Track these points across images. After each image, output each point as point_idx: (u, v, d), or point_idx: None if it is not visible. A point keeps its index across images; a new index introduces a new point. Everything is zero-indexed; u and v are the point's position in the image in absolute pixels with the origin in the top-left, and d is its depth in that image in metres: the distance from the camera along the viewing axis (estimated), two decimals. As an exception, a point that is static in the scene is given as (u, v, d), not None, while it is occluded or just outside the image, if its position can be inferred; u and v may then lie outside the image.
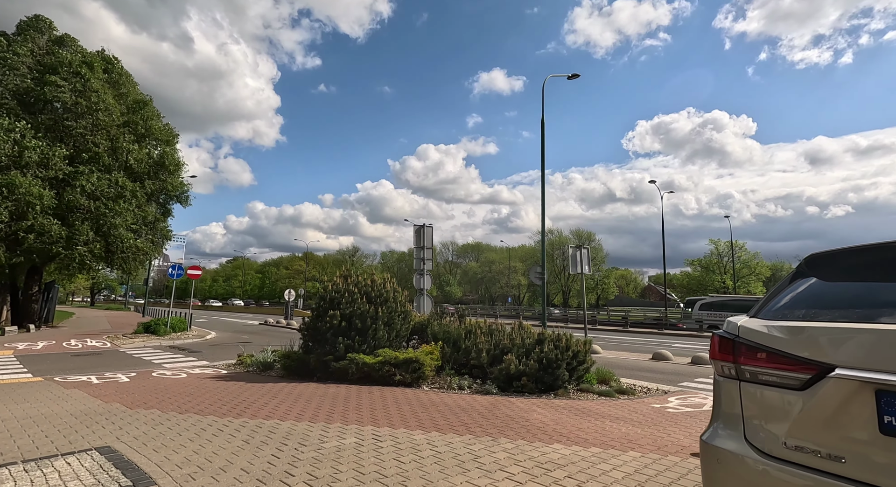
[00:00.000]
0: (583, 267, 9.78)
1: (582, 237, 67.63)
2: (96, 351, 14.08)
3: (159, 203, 23.34)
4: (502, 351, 7.81)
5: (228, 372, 9.45)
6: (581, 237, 67.78)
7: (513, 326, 8.81)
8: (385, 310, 8.67)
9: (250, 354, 10.76)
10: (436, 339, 9.25)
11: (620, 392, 7.58)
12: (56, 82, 19.28)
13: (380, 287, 9.02)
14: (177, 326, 19.32)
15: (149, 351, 14.03)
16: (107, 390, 7.25)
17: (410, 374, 7.68)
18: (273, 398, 6.65)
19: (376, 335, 8.42)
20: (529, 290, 74.32)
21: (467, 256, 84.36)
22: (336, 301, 8.63)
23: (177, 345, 15.85)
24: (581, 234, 67.92)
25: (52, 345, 14.94)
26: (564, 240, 68.59)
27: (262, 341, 18.04)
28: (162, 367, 10.66)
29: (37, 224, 18.23)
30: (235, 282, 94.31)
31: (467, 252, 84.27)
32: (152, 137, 22.57)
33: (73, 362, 11.53)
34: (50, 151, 18.86)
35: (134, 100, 22.86)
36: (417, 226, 12.93)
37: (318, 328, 8.54)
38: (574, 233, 68.15)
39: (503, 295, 65.11)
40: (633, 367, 11.89)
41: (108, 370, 10.11)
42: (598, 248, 66.80)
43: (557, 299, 72.03)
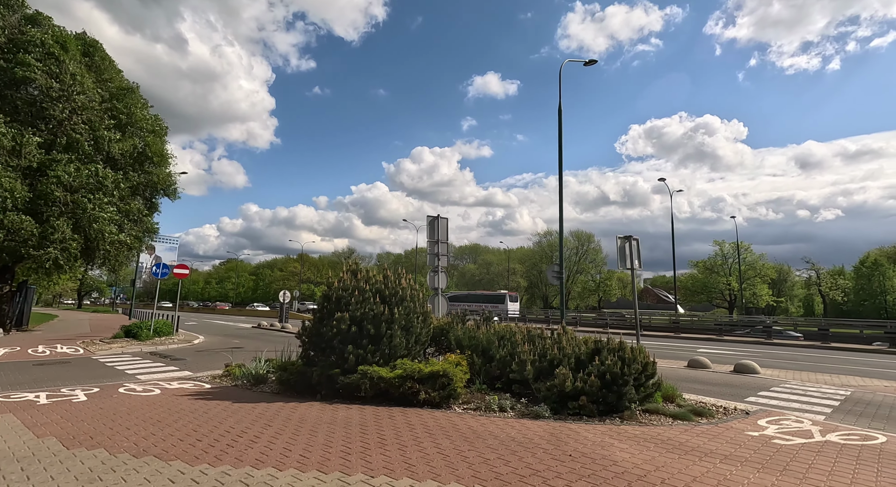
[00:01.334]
0: (632, 261, 8.35)
1: (581, 238, 66.49)
2: (65, 358, 12.35)
3: (145, 197, 21.55)
4: (551, 364, 6.29)
5: (213, 387, 7.83)
6: (581, 238, 66.63)
7: (556, 331, 7.30)
8: (402, 312, 7.13)
9: (240, 364, 9.13)
10: (460, 347, 7.73)
11: (695, 412, 6.09)
12: (28, 62, 17.53)
13: (394, 284, 7.48)
14: (161, 330, 17.57)
15: (125, 359, 12.33)
16: (50, 415, 5.62)
17: (438, 392, 6.13)
18: (266, 427, 5.07)
19: (392, 342, 6.86)
20: (528, 292, 72.95)
21: (465, 258, 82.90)
22: (344, 301, 7.07)
23: (159, 352, 14.14)
24: (580, 236, 66.77)
25: (14, 353, 13.16)
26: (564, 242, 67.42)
27: (255, 346, 16.38)
28: (135, 379, 9.00)
29: (6, 220, 16.43)
30: (229, 284, 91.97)
31: (465, 253, 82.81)
32: (137, 126, 20.82)
33: (30, 373, 9.82)
34: (22, 138, 17.09)
35: (118, 87, 21.11)
36: (431, 218, 11.40)
37: (321, 334, 6.97)
38: (574, 235, 66.97)
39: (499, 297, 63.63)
40: (673, 377, 10.41)
41: (67, 384, 8.44)
42: (598, 250, 65.69)
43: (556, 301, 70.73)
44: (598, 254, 65.14)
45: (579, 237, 66.57)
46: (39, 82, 17.86)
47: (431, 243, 11.27)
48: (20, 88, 18.32)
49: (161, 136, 21.75)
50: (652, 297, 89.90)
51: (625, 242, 8.47)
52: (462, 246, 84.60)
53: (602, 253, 65.73)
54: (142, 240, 21.41)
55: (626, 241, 8.45)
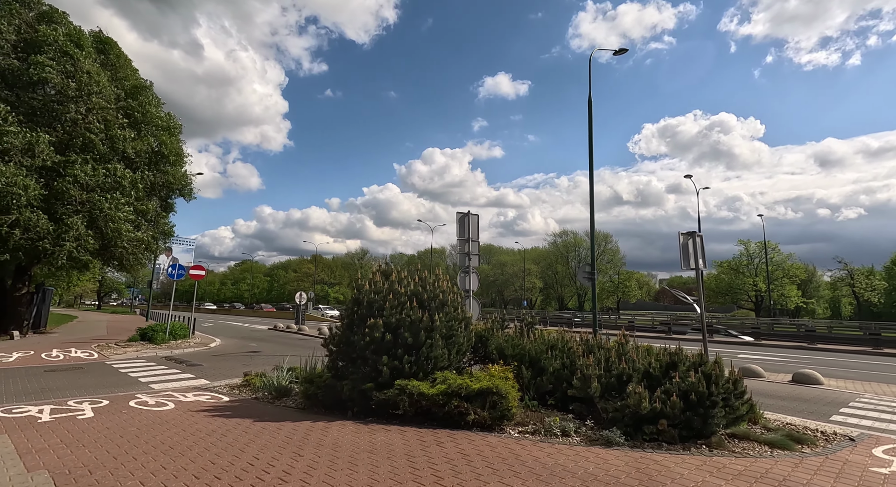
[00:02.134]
0: (697, 260, 7.39)
1: (598, 238, 65.00)
2: (77, 364, 11.80)
3: (160, 197, 21.13)
4: (619, 379, 5.39)
5: (231, 401, 7.09)
6: (598, 238, 65.14)
7: (619, 339, 6.39)
8: (443, 318, 6.29)
9: (260, 373, 8.40)
10: (502, 357, 6.86)
11: (792, 438, 5.12)
12: (43, 62, 17.17)
13: (433, 286, 6.64)
14: (177, 332, 17.05)
15: (139, 365, 11.73)
16: (50, 438, 4.90)
17: (489, 411, 5.27)
18: (296, 456, 4.27)
19: (432, 353, 6.02)
20: (542, 293, 71.71)
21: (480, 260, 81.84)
22: (376, 306, 6.25)
23: (174, 356, 13.55)
24: (597, 236, 65.25)
25: (27, 357, 12.67)
26: (580, 242, 66.14)
27: (273, 350, 15.74)
28: (148, 388, 8.33)
29: (22, 218, 16.06)
30: (244, 286, 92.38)
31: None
32: (152, 125, 20.40)
33: (39, 381, 9.23)
34: (34, 137, 16.71)
35: (133, 85, 20.73)
36: (461, 215, 10.56)
37: (351, 342, 6.16)
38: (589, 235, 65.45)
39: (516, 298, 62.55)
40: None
41: (76, 394, 7.79)
42: (615, 250, 64.18)
43: (571, 303, 69.40)
44: (616, 255, 63.65)
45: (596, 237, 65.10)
46: (55, 82, 17.49)
47: (461, 242, 10.43)
48: (35, 89, 18.00)
49: (175, 135, 21.31)
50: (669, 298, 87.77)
51: (688, 239, 7.49)
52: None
53: (620, 253, 64.20)
54: (158, 240, 20.98)
55: (690, 238, 7.47)
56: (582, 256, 65.19)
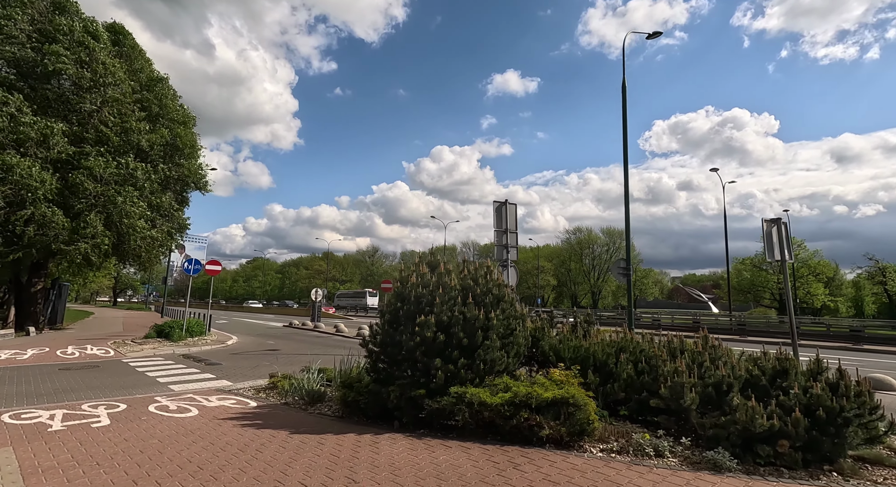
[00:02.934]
0: (783, 251, 6.51)
1: (613, 235, 63.79)
2: (93, 361, 11.24)
3: (175, 191, 20.63)
4: (717, 389, 4.55)
5: (259, 406, 6.38)
6: (612, 235, 63.93)
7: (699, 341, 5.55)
8: (500, 316, 5.50)
9: (287, 375, 7.70)
10: (560, 360, 6.06)
11: (929, 461, 4.25)
12: (58, 52, 16.68)
13: (485, 279, 5.86)
14: (194, 330, 16.50)
15: (157, 363, 11.13)
16: (59, 452, 4.22)
17: (565, 425, 4.47)
18: (350, 482, 3.52)
19: (489, 355, 5.25)
20: (555, 291, 70.59)
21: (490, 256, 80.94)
22: (424, 301, 5.49)
23: (192, 354, 12.96)
24: (612, 232, 64.05)
25: (42, 354, 12.16)
26: (594, 239, 64.90)
27: (292, 348, 15.10)
28: (167, 390, 7.68)
29: (37, 213, 15.61)
30: (255, 283, 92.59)
31: (490, 251, 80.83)
32: (167, 117, 19.88)
33: (54, 380, 8.64)
34: (48, 129, 16.25)
35: (148, 78, 20.23)
36: (498, 203, 9.76)
37: (397, 343, 5.41)
38: (605, 232, 64.31)
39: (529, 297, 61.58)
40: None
41: (92, 395, 7.16)
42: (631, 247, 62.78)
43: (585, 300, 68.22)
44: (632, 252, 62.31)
45: (611, 233, 63.86)
46: (70, 73, 17.00)
47: (499, 233, 9.63)
48: (50, 80, 17.54)
49: (190, 127, 20.79)
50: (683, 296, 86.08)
51: (772, 226, 6.59)
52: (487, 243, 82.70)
53: (635, 250, 62.83)
54: (173, 235, 20.50)
55: (774, 225, 6.57)
56: (597, 253, 63.98)
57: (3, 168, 14.98)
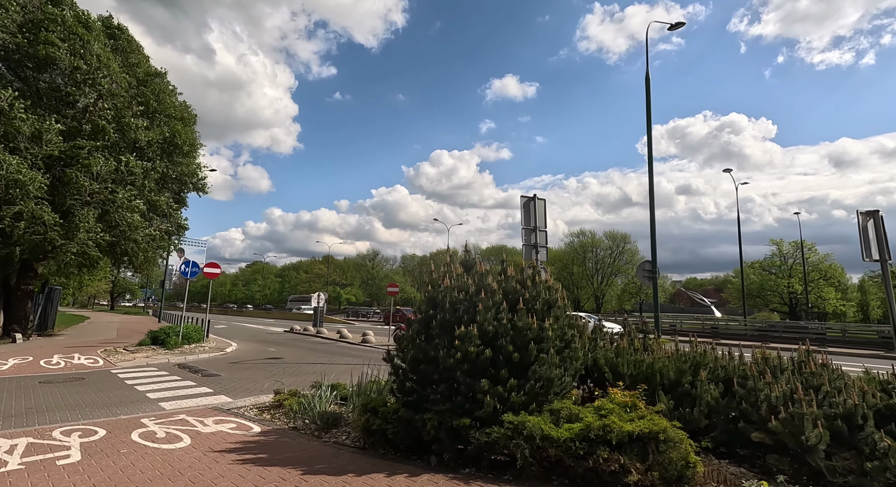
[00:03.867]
0: (882, 250, 5.60)
1: (616, 239, 62.92)
2: (79, 373, 10.21)
3: (173, 190, 19.65)
4: (849, 422, 3.57)
5: (263, 431, 5.39)
6: (615, 239, 63.06)
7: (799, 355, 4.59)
8: (555, 326, 4.54)
9: (293, 391, 6.71)
10: (618, 377, 5.10)
11: None
12: (51, 41, 15.76)
13: (533, 281, 4.91)
14: (191, 336, 15.46)
15: (148, 374, 10.11)
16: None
17: (657, 469, 3.49)
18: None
19: (544, 373, 4.27)
20: (558, 295, 69.44)
21: (491, 260, 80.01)
22: (462, 309, 4.52)
23: (188, 364, 11.93)
24: (615, 236, 63.18)
25: (24, 364, 11.12)
26: (597, 242, 64.00)
27: (295, 356, 14.07)
28: (157, 409, 6.67)
29: (27, 210, 14.62)
30: (255, 287, 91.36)
31: (492, 255, 79.86)
32: (164, 113, 18.95)
33: (29, 397, 7.62)
34: (42, 125, 15.30)
35: (145, 73, 19.31)
36: (526, 199, 8.81)
37: (432, 359, 4.43)
38: (608, 235, 63.44)
39: (533, 300, 60.55)
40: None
41: (68, 416, 6.15)
42: (634, 250, 61.92)
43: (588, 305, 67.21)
44: (635, 256, 61.34)
45: (614, 237, 62.97)
46: (63, 62, 16.06)
47: (527, 231, 8.67)
48: (43, 71, 16.60)
49: (190, 125, 19.85)
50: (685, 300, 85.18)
51: (867, 219, 5.67)
52: (489, 247, 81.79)
53: (639, 254, 61.90)
54: (171, 236, 19.50)
55: (870, 218, 5.67)
56: (600, 257, 63.01)
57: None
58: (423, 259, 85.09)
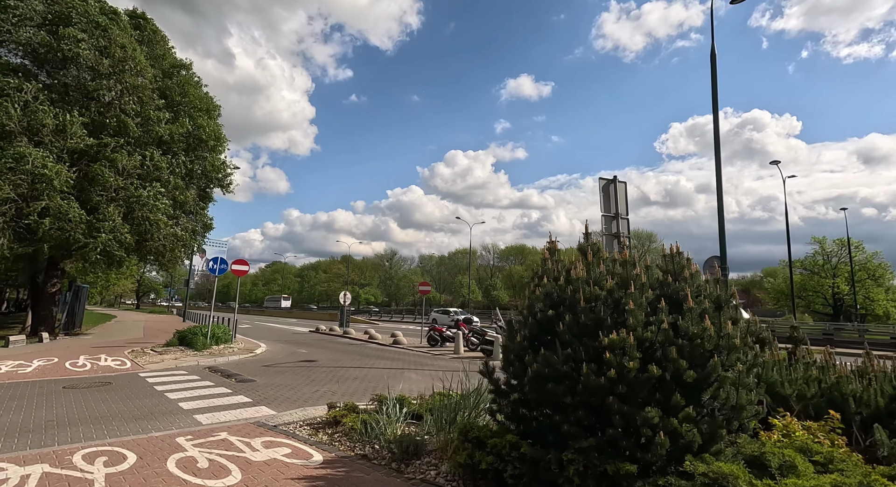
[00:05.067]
0: None
1: (641, 238, 60.80)
2: (105, 376, 9.36)
3: (198, 187, 18.95)
4: None
5: (326, 460, 4.29)
6: (640, 238, 60.94)
7: None
8: (737, 332, 3.32)
9: (351, 405, 5.62)
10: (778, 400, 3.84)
11: None
12: (74, 35, 15.14)
13: (690, 273, 3.70)
14: (219, 336, 14.63)
15: (179, 379, 9.20)
16: None
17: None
18: None
19: (730, 398, 3.07)
20: (579, 295, 67.53)
21: (510, 260, 78.46)
22: (606, 307, 3.33)
23: (218, 366, 11.03)
24: (640, 235, 61.06)
25: (49, 366, 10.35)
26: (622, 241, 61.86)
27: (330, 359, 13.06)
28: (192, 423, 5.67)
29: (52, 205, 13.99)
30: (275, 286, 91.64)
31: (510, 255, 78.37)
32: (190, 106, 18.25)
33: (51, 405, 6.72)
34: (66, 118, 14.67)
35: (171, 64, 18.66)
36: (605, 181, 7.57)
37: (561, 376, 3.25)
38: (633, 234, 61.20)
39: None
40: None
41: (92, 433, 5.18)
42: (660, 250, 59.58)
43: (611, 304, 65.04)
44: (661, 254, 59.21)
45: (639, 236, 60.85)
46: (87, 58, 15.43)
47: (607, 219, 7.43)
48: (68, 65, 16.00)
49: (214, 118, 19.12)
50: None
51: None
52: (508, 246, 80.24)
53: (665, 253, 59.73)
54: (196, 234, 18.78)
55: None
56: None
57: (15, 158, 13.38)
58: (442, 259, 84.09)
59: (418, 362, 12.76)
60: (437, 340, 17.13)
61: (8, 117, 13.68)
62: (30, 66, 16.09)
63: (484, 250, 79.40)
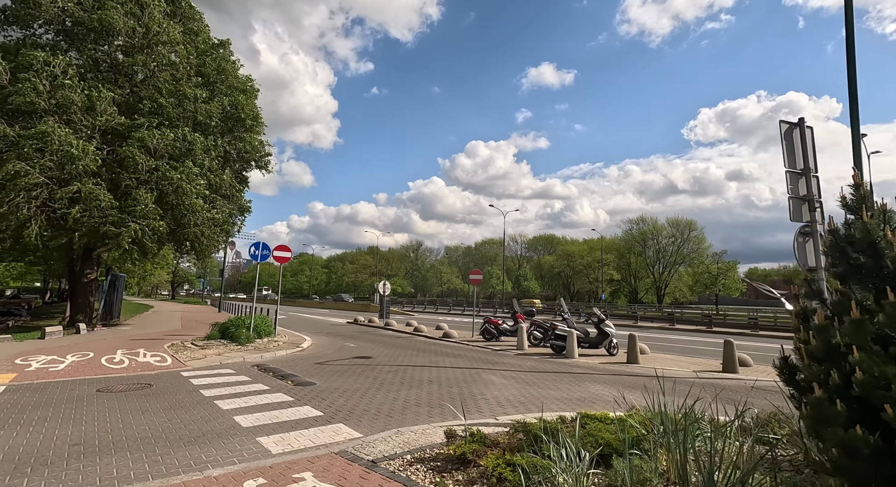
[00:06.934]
0: None
1: (680, 225, 57.49)
2: (144, 376, 8.02)
3: (235, 169, 17.66)
4: None
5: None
6: (679, 226, 57.63)
7: None
8: None
9: (478, 434, 3.91)
10: None
11: None
12: (109, 5, 13.88)
13: None
14: (261, 329, 13.31)
15: (227, 380, 7.77)
16: None
17: None
18: None
19: None
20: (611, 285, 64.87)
21: (538, 249, 76.03)
22: None
23: (268, 364, 9.60)
24: (679, 223, 57.75)
25: (83, 363, 9.12)
26: (659, 229, 58.84)
27: (385, 355, 11.46)
28: (260, 456, 4.11)
29: (84, 190, 12.86)
30: (303, 277, 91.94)
31: (539, 244, 75.94)
32: (227, 85, 16.89)
33: (79, 419, 5.31)
34: (95, 94, 13.46)
35: (205, 41, 17.31)
36: (787, 125, 5.56)
37: None
38: (670, 222, 58.05)
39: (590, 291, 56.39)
40: None
41: (124, 472, 3.65)
42: (701, 238, 56.34)
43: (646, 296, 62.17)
44: (702, 243, 55.81)
45: (677, 224, 57.54)
46: (120, 29, 14.17)
47: (793, 176, 5.43)
48: (100, 40, 14.79)
49: (251, 98, 17.73)
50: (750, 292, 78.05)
51: None
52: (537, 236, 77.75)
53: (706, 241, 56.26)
54: (233, 218, 17.53)
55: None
56: (662, 245, 57.79)
57: (40, 137, 12.24)
58: (468, 249, 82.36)
59: (485, 360, 11.07)
60: (492, 334, 15.44)
61: (36, 93, 12.54)
62: (61, 42, 14.97)
63: (511, 240, 77.17)
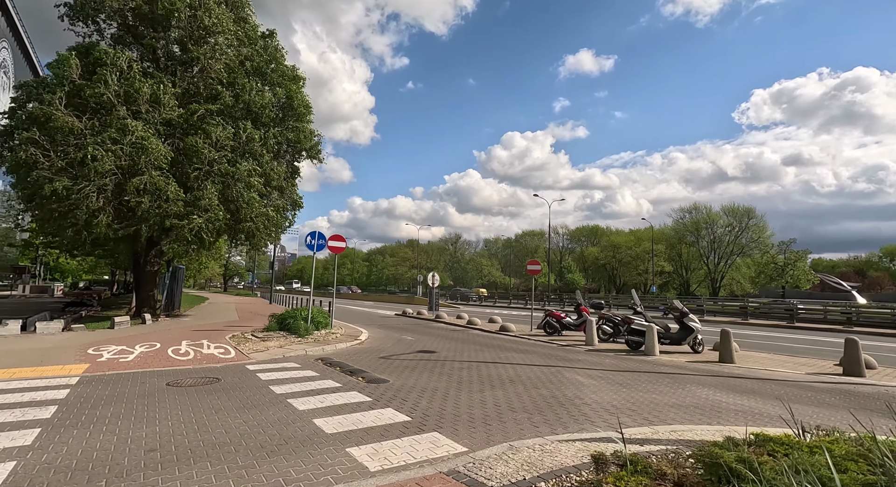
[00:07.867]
0: None
1: (738, 214, 53.32)
2: (211, 369, 7.68)
3: (286, 160, 17.48)
4: None
5: None
6: (736, 214, 53.47)
7: None
8: None
9: (642, 463, 2.97)
10: None
11: None
12: None
13: None
14: (318, 321, 12.97)
15: (293, 375, 7.26)
16: None
17: None
18: None
19: None
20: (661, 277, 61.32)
21: (581, 241, 73.24)
22: None
23: (331, 358, 9.10)
24: (736, 211, 53.57)
25: (151, 353, 8.97)
26: (714, 218, 54.85)
27: (448, 349, 10.70)
28: (359, 475, 3.39)
29: (150, 182, 12.93)
30: (344, 270, 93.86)
31: (582, 236, 73.16)
32: (276, 73, 16.64)
33: (151, 419, 4.86)
34: (160, 87, 13.49)
35: (253, 27, 17.13)
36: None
37: None
38: (726, 210, 53.94)
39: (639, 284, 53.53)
40: None
41: (197, 473, 3.04)
42: (762, 227, 51.95)
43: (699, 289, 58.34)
44: (763, 232, 51.46)
45: (734, 212, 53.36)
46: (182, 18, 14.13)
47: None
48: (160, 32, 14.85)
49: (300, 87, 17.41)
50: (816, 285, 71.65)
51: None
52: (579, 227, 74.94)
53: (768, 230, 51.85)
54: (286, 212, 17.39)
55: None
56: (717, 235, 53.80)
57: (119, 129, 12.38)
58: (508, 241, 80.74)
59: (558, 356, 10.07)
60: (555, 328, 14.37)
61: (106, 86, 12.66)
62: (123, 36, 15.18)
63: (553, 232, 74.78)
